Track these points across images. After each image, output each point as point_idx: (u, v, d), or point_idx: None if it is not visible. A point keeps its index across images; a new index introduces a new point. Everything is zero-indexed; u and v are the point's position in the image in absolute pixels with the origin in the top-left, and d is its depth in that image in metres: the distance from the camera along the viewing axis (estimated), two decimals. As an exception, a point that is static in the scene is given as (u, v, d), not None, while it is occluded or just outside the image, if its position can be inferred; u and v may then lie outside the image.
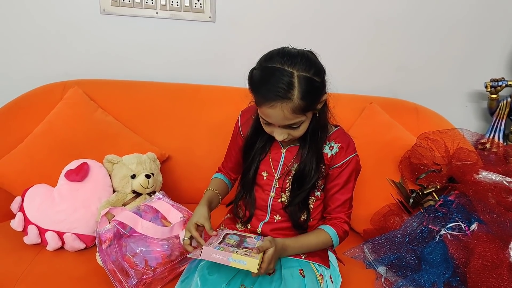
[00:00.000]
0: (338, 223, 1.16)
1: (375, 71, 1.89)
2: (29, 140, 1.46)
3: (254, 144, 1.18)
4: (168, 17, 1.74)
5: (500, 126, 1.86)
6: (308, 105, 0.99)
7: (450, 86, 1.95)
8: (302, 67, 0.97)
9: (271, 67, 0.98)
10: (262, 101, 0.99)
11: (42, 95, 1.60)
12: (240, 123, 1.24)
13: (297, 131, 1.05)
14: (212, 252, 0.97)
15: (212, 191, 1.22)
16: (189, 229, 1.06)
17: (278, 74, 0.96)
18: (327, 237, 1.14)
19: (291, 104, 0.96)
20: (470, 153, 1.42)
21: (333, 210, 1.17)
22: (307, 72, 0.97)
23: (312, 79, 0.98)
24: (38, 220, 1.28)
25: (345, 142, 1.16)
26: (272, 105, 0.97)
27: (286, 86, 0.95)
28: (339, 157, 1.15)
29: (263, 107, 0.99)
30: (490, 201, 1.23)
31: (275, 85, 0.96)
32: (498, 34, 1.89)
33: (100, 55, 1.76)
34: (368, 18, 1.82)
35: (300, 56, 0.99)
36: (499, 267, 1.07)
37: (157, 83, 1.71)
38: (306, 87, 0.97)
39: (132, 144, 1.52)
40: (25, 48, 1.73)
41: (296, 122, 1.02)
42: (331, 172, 1.16)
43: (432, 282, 1.13)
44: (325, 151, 1.15)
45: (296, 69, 0.97)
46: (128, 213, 1.21)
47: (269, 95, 0.97)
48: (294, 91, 0.96)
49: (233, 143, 1.28)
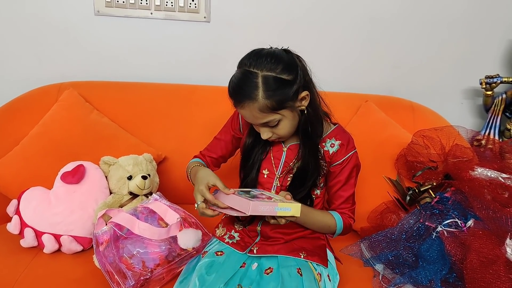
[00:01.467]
0: (345, 216, 1.18)
1: (370, 69, 1.90)
2: (25, 143, 1.45)
3: (254, 147, 1.19)
4: (162, 17, 1.74)
5: (495, 123, 1.87)
6: (277, 104, 1.01)
7: (446, 84, 1.96)
8: (268, 66, 1.00)
9: (241, 71, 1.04)
10: (234, 103, 1.06)
11: (37, 97, 1.60)
12: (241, 120, 1.24)
13: (279, 129, 1.08)
14: (260, 205, 0.95)
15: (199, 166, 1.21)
16: (202, 191, 1.03)
17: (244, 76, 1.02)
18: (332, 220, 1.16)
19: (256, 104, 1.01)
20: (465, 150, 1.42)
21: (337, 207, 1.19)
22: (272, 71, 1.00)
23: (278, 78, 1.01)
24: (34, 223, 1.27)
25: (345, 139, 1.17)
26: (242, 106, 1.03)
27: (251, 87, 1.00)
28: (340, 154, 1.16)
29: (237, 108, 1.07)
30: (486, 197, 1.24)
31: (241, 87, 1.02)
32: (493, 31, 1.89)
33: (95, 57, 1.76)
34: (362, 16, 1.82)
35: (267, 56, 1.02)
36: (495, 263, 1.07)
37: (153, 84, 1.70)
38: (271, 86, 1.00)
39: (128, 145, 1.52)
40: (19, 50, 1.72)
41: (270, 121, 1.04)
42: (332, 169, 1.17)
43: (429, 279, 1.14)
44: (326, 149, 1.17)
45: (261, 69, 1.00)
46: (125, 214, 1.20)
47: (237, 97, 1.04)
48: (258, 91, 1.00)
49: (226, 134, 1.28)
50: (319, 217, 1.17)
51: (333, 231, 1.18)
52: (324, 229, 1.18)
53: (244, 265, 1.11)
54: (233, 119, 1.27)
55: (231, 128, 1.26)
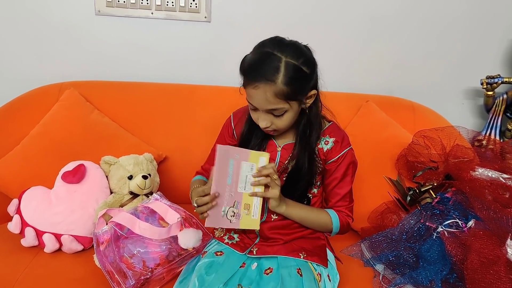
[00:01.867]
0: (342, 214, 1.17)
1: (371, 69, 1.90)
2: (26, 142, 1.45)
3: (249, 141, 1.18)
4: (163, 17, 1.74)
5: (496, 123, 1.87)
6: (292, 93, 1.00)
7: (446, 84, 1.95)
8: (291, 54, 1.00)
9: (261, 51, 1.03)
10: (247, 81, 1.02)
11: (38, 97, 1.60)
12: (233, 123, 1.24)
13: (280, 121, 1.06)
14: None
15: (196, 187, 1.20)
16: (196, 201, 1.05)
17: (266, 57, 1.00)
18: (328, 218, 1.15)
19: (273, 87, 0.99)
20: (466, 150, 1.42)
21: (334, 205, 1.18)
22: (295, 60, 1.00)
23: (300, 68, 1.01)
24: (35, 222, 1.28)
25: (339, 136, 1.17)
26: (256, 86, 1.00)
27: (272, 69, 0.99)
28: (335, 151, 1.16)
29: (248, 87, 1.02)
30: (486, 197, 1.24)
31: (261, 66, 1.00)
32: (494, 31, 1.89)
33: (95, 56, 1.76)
34: (363, 16, 1.82)
35: (292, 45, 1.03)
36: (496, 264, 1.07)
37: (153, 84, 1.70)
38: (292, 74, 0.99)
39: (129, 145, 1.52)
40: (20, 50, 1.72)
41: (278, 109, 1.03)
42: (327, 167, 1.17)
43: (430, 279, 1.13)
44: (320, 146, 1.16)
45: (285, 55, 1.00)
46: (125, 214, 1.21)
47: (254, 75, 1.00)
48: (279, 75, 0.98)
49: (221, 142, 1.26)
50: (313, 214, 1.16)
51: (330, 229, 1.17)
52: (320, 226, 1.18)
53: (244, 265, 1.11)
54: (226, 126, 1.26)
55: (226, 135, 1.25)
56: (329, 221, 1.15)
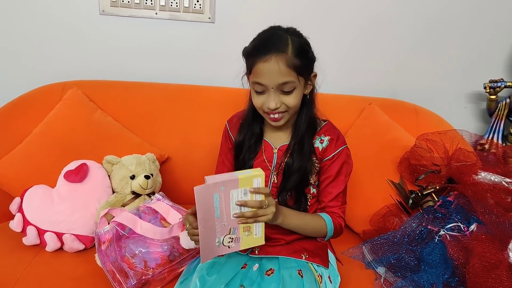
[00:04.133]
0: (334, 216, 1.15)
1: (374, 72, 1.90)
2: (28, 141, 1.46)
3: (243, 143, 1.18)
4: (167, 17, 1.74)
5: (499, 127, 1.87)
6: (301, 66, 1.04)
7: (449, 87, 1.95)
8: (293, 33, 1.07)
9: (264, 33, 1.09)
10: (257, 57, 1.03)
11: (41, 95, 1.60)
12: (228, 128, 1.25)
13: (290, 98, 1.07)
14: None
15: None
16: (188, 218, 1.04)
17: (274, 33, 1.07)
18: (322, 222, 1.13)
19: (285, 57, 1.02)
20: (469, 154, 1.42)
21: (327, 204, 1.16)
22: (298, 37, 1.07)
23: (304, 43, 1.07)
24: (37, 221, 1.28)
25: (334, 134, 1.18)
26: (267, 59, 1.02)
27: (281, 42, 1.03)
28: (330, 149, 1.16)
29: (258, 63, 1.03)
30: (489, 201, 1.23)
31: (271, 40, 1.05)
32: (497, 35, 1.89)
33: (99, 56, 1.76)
34: (367, 19, 1.82)
35: (290, 28, 1.10)
36: (498, 268, 1.07)
37: (157, 84, 1.71)
38: (299, 47, 1.05)
39: (132, 145, 1.52)
40: (24, 49, 1.73)
41: (289, 82, 1.04)
42: (322, 165, 1.17)
43: (431, 283, 1.13)
44: (316, 145, 1.17)
45: (289, 33, 1.06)
46: (127, 214, 1.21)
47: (264, 49, 1.03)
48: (289, 47, 1.03)
49: (223, 152, 1.27)
50: (308, 219, 1.14)
51: (324, 234, 1.15)
52: (316, 231, 1.15)
53: (245, 266, 1.11)
54: (224, 135, 1.27)
55: (228, 141, 1.26)
56: (323, 225, 1.14)
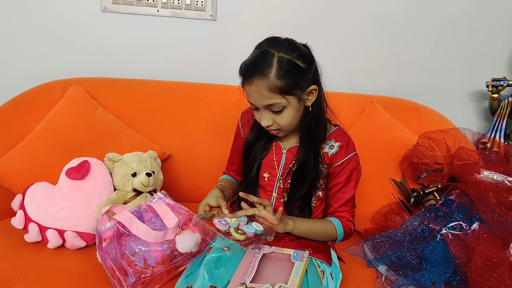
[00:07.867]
0: (343, 220, 1.17)
1: (376, 70, 1.89)
2: (30, 138, 1.46)
3: (255, 143, 1.19)
4: (169, 15, 1.74)
5: (501, 126, 1.86)
6: (286, 87, 1.02)
7: (452, 85, 1.95)
8: (285, 49, 1.03)
9: (256, 51, 1.07)
10: (243, 79, 1.06)
11: (43, 93, 1.60)
12: (240, 124, 1.26)
13: (281, 118, 1.06)
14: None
15: (222, 185, 1.24)
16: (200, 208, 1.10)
17: (260, 54, 1.04)
18: (332, 227, 1.15)
19: (266, 81, 1.01)
20: (471, 152, 1.42)
21: (336, 209, 1.18)
22: (289, 54, 1.03)
23: (293, 62, 1.03)
24: (38, 218, 1.28)
25: (344, 141, 1.17)
26: (250, 82, 1.03)
27: (264, 65, 1.01)
28: (339, 155, 1.16)
29: (245, 86, 1.06)
30: (491, 200, 1.23)
31: (255, 63, 1.03)
32: (500, 33, 1.88)
33: (101, 53, 1.76)
34: (369, 17, 1.82)
35: (285, 41, 1.06)
36: (500, 267, 1.07)
37: (158, 82, 1.70)
38: (286, 67, 1.01)
39: (133, 142, 1.52)
40: (26, 46, 1.73)
41: (275, 104, 1.03)
42: (331, 171, 1.17)
43: (433, 282, 1.13)
44: (326, 151, 1.16)
45: (278, 50, 1.03)
46: (126, 213, 1.20)
47: (248, 73, 1.04)
48: (272, 69, 1.01)
49: (235, 145, 1.30)
50: (317, 225, 1.16)
51: (335, 238, 1.17)
52: (326, 236, 1.17)
53: None
54: (237, 130, 1.28)
55: (238, 139, 1.27)
56: (333, 230, 1.16)
